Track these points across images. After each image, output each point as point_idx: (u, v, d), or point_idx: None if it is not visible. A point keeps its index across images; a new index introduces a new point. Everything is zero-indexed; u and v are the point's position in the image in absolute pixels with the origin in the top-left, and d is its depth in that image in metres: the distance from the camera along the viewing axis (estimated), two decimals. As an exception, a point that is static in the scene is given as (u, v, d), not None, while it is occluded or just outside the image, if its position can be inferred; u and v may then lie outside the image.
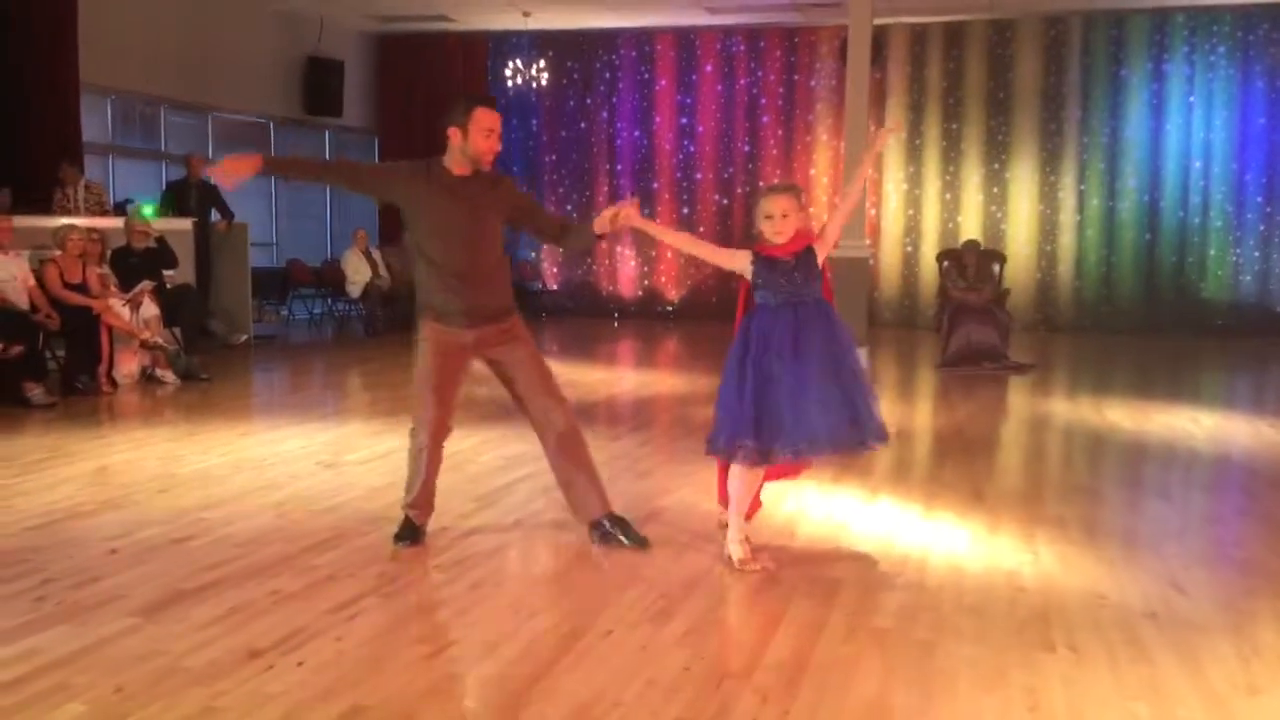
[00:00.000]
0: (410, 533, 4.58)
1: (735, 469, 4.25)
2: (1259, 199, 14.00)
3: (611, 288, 16.14)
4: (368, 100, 16.24)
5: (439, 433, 4.52)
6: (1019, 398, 9.17)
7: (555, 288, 16.30)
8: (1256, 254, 14.02)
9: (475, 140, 4.33)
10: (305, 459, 6.28)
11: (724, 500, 4.51)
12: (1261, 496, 5.87)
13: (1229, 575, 4.37)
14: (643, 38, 15.70)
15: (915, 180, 15.05)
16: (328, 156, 16.10)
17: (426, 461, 4.53)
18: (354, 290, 13.50)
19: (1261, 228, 14.01)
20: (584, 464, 4.57)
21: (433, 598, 3.98)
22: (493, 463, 6.18)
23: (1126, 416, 8.05)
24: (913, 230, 15.07)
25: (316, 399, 9.29)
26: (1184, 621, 3.75)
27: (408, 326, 13.30)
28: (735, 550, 4.27)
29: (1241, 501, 5.89)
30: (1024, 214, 14.65)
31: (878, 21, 12.40)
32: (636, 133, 15.96)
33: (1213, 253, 14.15)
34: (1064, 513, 5.24)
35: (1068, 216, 14.54)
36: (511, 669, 3.32)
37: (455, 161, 4.39)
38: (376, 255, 13.80)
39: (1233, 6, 13.61)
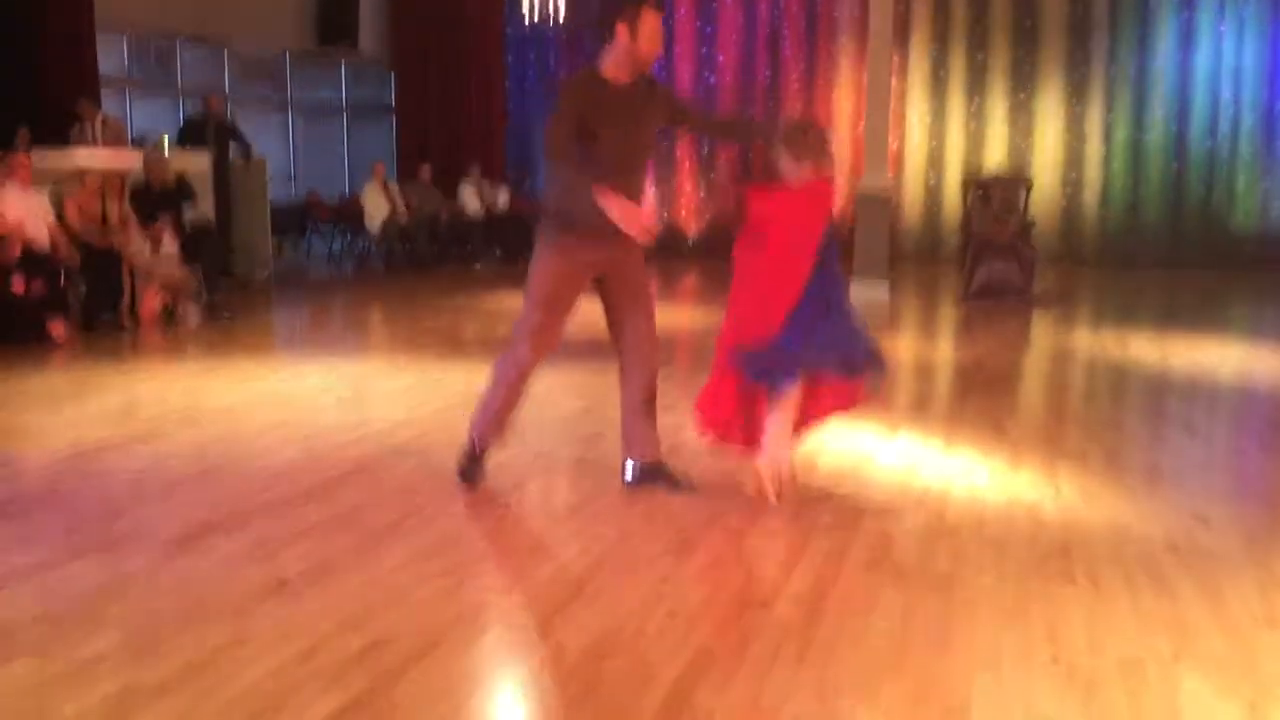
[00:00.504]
0: (476, 471, 4.45)
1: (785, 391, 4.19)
2: (1290, 128, 13.74)
3: (631, 222, 16.04)
4: (382, 31, 16.07)
5: (547, 351, 4.31)
6: (1042, 331, 9.12)
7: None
8: (1289, 183, 13.80)
9: (642, 42, 4.09)
10: (328, 394, 6.31)
11: (707, 423, 4.39)
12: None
13: (1252, 508, 4.35)
14: (662, -34, 15.43)
15: (939, 112, 14.82)
16: (344, 87, 15.97)
17: (521, 380, 4.33)
18: (373, 226, 13.46)
19: (1292, 157, 13.78)
20: (652, 405, 4.42)
21: (457, 531, 4.01)
22: (513, 398, 6.20)
23: (1151, 350, 7.99)
24: (937, 162, 14.88)
25: (338, 335, 9.32)
26: (1206, 554, 3.75)
27: (426, 262, 13.40)
28: (766, 471, 4.24)
29: (1267, 435, 5.84)
30: (1050, 144, 14.43)
31: (902, -52, 12.14)
32: (656, 64, 15.73)
33: (1242, 182, 13.92)
34: (1086, 446, 5.22)
35: (1094, 147, 14.31)
36: (533, 600, 3.35)
37: (617, 65, 4.13)
38: (394, 190, 13.74)
39: (1268, -71, 13.26)
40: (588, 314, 4.51)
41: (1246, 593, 3.41)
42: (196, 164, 10.88)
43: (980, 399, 6.38)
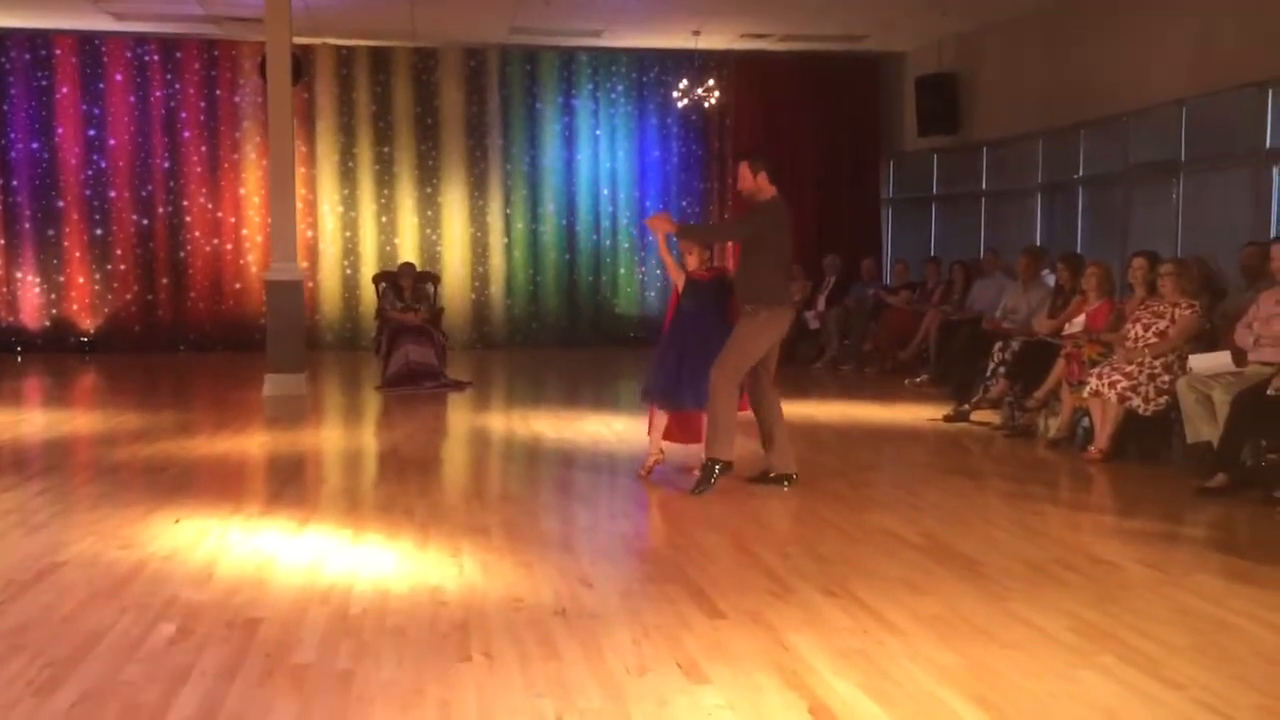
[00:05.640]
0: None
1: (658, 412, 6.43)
2: (657, 223, 15.71)
3: (10, 318, 14.22)
4: None
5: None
6: (457, 414, 9.46)
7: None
8: (658, 272, 15.72)
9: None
10: None
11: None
12: (658, 491, 6.54)
13: (629, 566, 4.80)
14: (37, 40, 14.05)
15: (351, 203, 14.97)
16: None
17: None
18: None
19: (660, 248, 15.75)
20: (782, 419, 6.31)
21: None
22: None
23: (552, 426, 8.59)
24: (351, 252, 15.00)
25: None
26: (588, 614, 4.05)
27: None
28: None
29: (644, 496, 6.49)
30: (457, 236, 15.17)
31: (301, 40, 12.19)
32: (35, 144, 14.23)
33: (622, 271, 15.65)
34: (489, 521, 5.45)
35: (496, 239, 15.29)
36: None
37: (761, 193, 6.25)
38: None
39: (628, 50, 15.15)
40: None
41: (621, 646, 3.72)
42: None
43: (393, 485, 6.43)
